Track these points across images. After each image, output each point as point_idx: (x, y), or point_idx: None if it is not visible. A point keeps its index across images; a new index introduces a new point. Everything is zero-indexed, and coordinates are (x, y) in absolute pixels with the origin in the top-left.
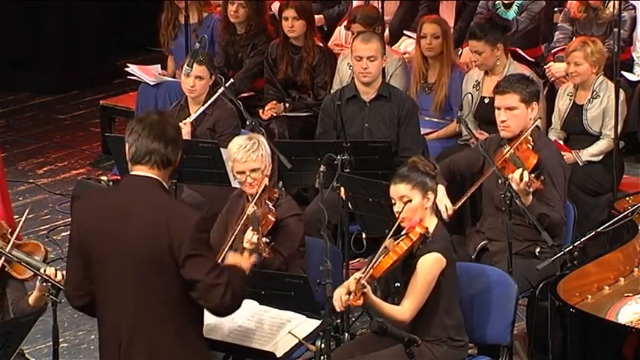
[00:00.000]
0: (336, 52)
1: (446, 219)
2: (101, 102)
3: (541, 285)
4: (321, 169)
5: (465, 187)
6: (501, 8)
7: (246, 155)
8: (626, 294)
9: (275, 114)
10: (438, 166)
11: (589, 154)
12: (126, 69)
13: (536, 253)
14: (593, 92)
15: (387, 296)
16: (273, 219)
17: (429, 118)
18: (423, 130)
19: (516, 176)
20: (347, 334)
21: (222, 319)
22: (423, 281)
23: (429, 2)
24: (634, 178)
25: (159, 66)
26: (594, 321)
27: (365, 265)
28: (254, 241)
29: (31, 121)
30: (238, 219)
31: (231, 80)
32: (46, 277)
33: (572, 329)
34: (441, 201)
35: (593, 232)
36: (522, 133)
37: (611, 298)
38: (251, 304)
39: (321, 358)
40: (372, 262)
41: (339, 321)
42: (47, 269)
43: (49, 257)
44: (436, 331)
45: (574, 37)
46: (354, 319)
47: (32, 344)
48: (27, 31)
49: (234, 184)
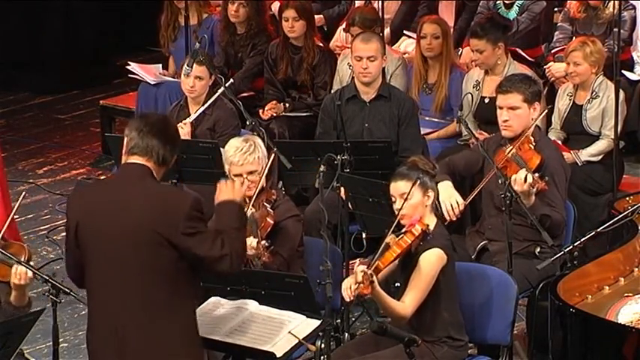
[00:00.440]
0: (337, 52)
1: (458, 215)
2: (101, 102)
3: (541, 285)
4: (321, 169)
5: (465, 187)
6: (502, 8)
7: (243, 158)
8: (626, 294)
9: (275, 114)
10: (437, 165)
11: (588, 154)
12: (127, 67)
13: (537, 253)
14: (592, 92)
15: None
16: (272, 221)
17: (429, 119)
18: (423, 130)
19: (521, 177)
20: (347, 334)
21: (222, 319)
22: (425, 276)
23: (428, 2)
24: (634, 178)
25: (160, 65)
26: (594, 321)
27: (366, 263)
28: (254, 245)
29: (31, 121)
30: None
31: (231, 80)
32: (46, 278)
33: (572, 329)
34: (452, 196)
35: (593, 232)
36: (524, 132)
37: (611, 298)
38: (251, 304)
39: (321, 358)
40: (376, 256)
41: (339, 321)
42: (19, 268)
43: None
44: (436, 330)
45: (574, 37)
46: (354, 319)
47: (32, 344)
48: (27, 31)
49: None
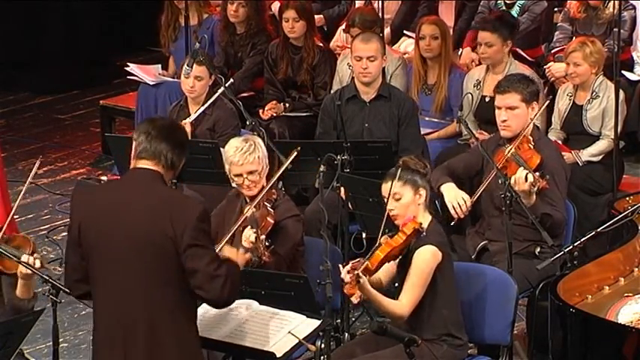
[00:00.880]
0: (337, 52)
1: (466, 212)
2: (101, 102)
3: (541, 285)
4: (321, 169)
5: (464, 191)
6: (503, 8)
7: (243, 158)
8: (626, 294)
9: (275, 114)
10: (436, 169)
11: (589, 154)
12: (126, 68)
13: (537, 253)
14: (592, 92)
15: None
16: (272, 221)
17: (429, 119)
18: (423, 130)
19: (521, 176)
20: (347, 334)
21: (222, 319)
22: (420, 273)
23: (428, 2)
24: (634, 178)
25: (159, 66)
26: (594, 321)
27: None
28: (252, 240)
29: (31, 121)
30: (236, 220)
31: (231, 80)
32: (46, 278)
33: (572, 329)
34: (457, 195)
35: (593, 232)
36: (522, 132)
37: (611, 298)
38: (251, 304)
39: (321, 358)
40: (367, 256)
41: (339, 321)
42: (26, 258)
43: (49, 257)
44: (436, 328)
45: (574, 37)
46: (354, 319)
47: (32, 344)
48: (27, 31)
49: (235, 184)
